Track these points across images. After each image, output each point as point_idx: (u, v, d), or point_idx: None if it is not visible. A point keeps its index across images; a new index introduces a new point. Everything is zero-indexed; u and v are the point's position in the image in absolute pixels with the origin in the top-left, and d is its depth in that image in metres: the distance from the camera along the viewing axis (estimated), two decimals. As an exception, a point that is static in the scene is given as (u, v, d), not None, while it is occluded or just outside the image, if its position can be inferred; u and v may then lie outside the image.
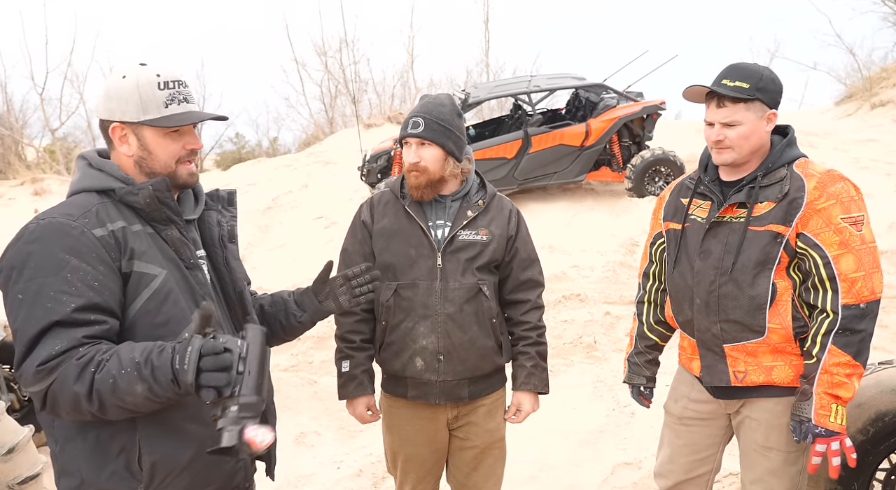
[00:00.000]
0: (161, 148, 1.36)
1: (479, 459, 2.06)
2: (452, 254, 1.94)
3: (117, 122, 1.34)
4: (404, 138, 1.96)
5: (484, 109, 15.09)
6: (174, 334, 1.27)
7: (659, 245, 2.04)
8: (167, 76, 1.37)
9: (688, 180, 1.96)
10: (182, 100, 1.37)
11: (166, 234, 1.35)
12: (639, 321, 2.14)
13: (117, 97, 1.33)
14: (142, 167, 1.37)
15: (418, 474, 2.07)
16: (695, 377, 1.96)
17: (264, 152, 20.93)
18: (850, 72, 14.88)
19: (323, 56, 17.35)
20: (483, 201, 2.01)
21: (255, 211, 8.18)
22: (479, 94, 7.77)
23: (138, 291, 1.27)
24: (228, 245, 1.51)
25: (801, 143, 7.94)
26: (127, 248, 1.28)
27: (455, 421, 2.04)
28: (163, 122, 1.34)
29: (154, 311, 1.28)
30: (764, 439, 1.83)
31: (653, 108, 7.62)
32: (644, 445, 3.17)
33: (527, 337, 2.04)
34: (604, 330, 4.75)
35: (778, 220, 1.73)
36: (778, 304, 1.75)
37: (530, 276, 2.05)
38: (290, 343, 4.68)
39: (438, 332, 1.92)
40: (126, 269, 1.27)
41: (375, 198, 2.06)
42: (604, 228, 6.89)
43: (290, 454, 3.36)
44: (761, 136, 1.76)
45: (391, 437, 2.08)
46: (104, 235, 1.26)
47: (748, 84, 1.71)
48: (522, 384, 2.04)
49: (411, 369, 1.95)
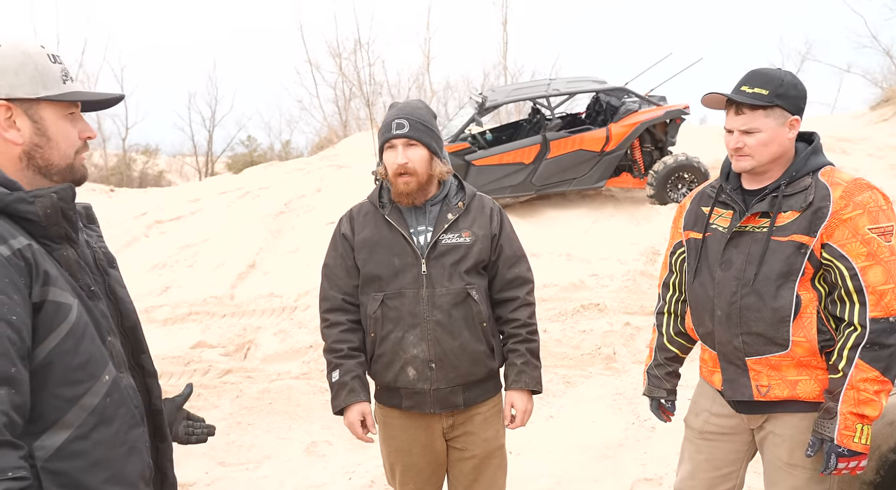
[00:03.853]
0: (61, 133, 1.13)
1: (478, 470, 2.04)
2: (436, 259, 1.92)
3: (3, 99, 1.07)
4: (388, 141, 1.93)
5: (501, 113, 15.04)
6: (93, 378, 1.08)
7: (679, 255, 2.01)
8: (49, 48, 1.13)
9: (709, 189, 1.93)
10: (73, 78, 1.15)
11: (60, 255, 1.11)
12: (658, 332, 2.10)
13: (0, 69, 1.07)
14: (33, 159, 1.11)
15: (416, 484, 2.06)
16: (716, 391, 1.92)
17: (276, 155, 21.06)
18: (887, 74, 14.54)
19: (337, 58, 17.38)
20: (463, 203, 1.99)
21: (266, 215, 8.16)
22: (496, 98, 7.74)
23: (54, 325, 1.04)
24: (109, 271, 1.26)
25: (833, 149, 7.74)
26: (39, 271, 1.04)
27: (451, 430, 2.02)
28: (69, 98, 1.12)
29: (72, 350, 1.06)
30: (788, 456, 1.78)
31: (676, 112, 7.50)
32: (665, 461, 3.10)
33: (516, 334, 2.00)
34: (623, 341, 4.67)
35: (802, 231, 1.69)
36: (802, 317, 1.71)
37: (518, 274, 2.02)
38: (302, 351, 4.75)
39: (428, 340, 1.90)
40: (38, 297, 1.03)
41: (354, 210, 2.05)
42: (624, 236, 6.79)
43: (301, 464, 3.35)
44: (782, 143, 1.72)
45: (388, 449, 2.07)
46: (10, 255, 1.01)
47: (767, 90, 1.68)
48: (513, 382, 1.99)
49: (403, 379, 1.93)
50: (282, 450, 3.48)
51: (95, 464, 1.07)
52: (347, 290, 1.99)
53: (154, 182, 20.81)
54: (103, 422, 1.09)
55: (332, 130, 17.05)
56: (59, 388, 1.05)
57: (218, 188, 10.33)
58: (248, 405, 3.99)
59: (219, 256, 6.94)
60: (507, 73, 17.69)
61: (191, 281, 6.39)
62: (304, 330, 5.00)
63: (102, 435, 1.09)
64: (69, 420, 1.05)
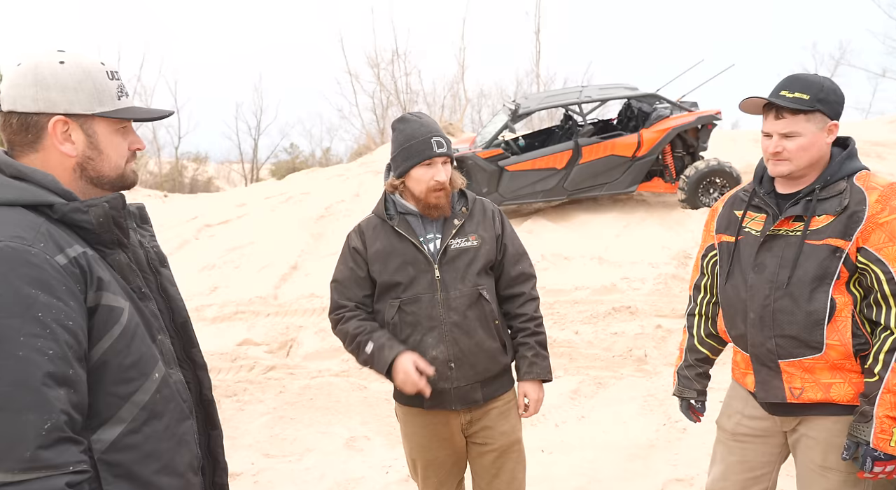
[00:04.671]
0: (112, 146, 1.18)
1: (498, 464, 2.10)
2: (448, 264, 2.00)
3: (61, 114, 1.13)
4: (428, 159, 1.98)
5: (533, 120, 15.07)
6: (144, 376, 1.14)
7: (711, 257, 2.02)
8: (110, 65, 1.18)
9: (742, 192, 1.94)
10: (127, 93, 1.20)
11: (113, 260, 1.17)
12: (689, 334, 2.12)
13: (59, 85, 1.12)
14: (85, 171, 1.17)
15: (438, 478, 2.13)
16: (749, 393, 1.93)
17: (317, 162, 21.52)
18: (923, 79, 14.06)
19: (375, 68, 17.78)
20: (466, 208, 2.08)
21: (308, 219, 8.42)
22: (529, 105, 7.79)
23: (107, 328, 1.10)
24: (161, 270, 1.31)
25: (868, 153, 7.63)
26: (93, 277, 1.09)
27: (469, 426, 2.08)
28: (122, 114, 1.16)
29: (124, 350, 1.11)
30: (822, 459, 1.78)
31: (708, 118, 7.46)
32: (696, 462, 3.10)
33: (525, 328, 2.09)
34: (655, 343, 4.67)
35: (837, 234, 1.69)
36: (837, 320, 1.71)
37: (521, 270, 2.11)
38: (341, 349, 4.84)
39: (446, 341, 1.98)
40: (92, 302, 1.09)
41: (363, 224, 2.11)
42: (655, 240, 6.76)
43: (340, 457, 3.44)
44: (821, 147, 1.73)
45: (409, 445, 2.15)
46: (67, 264, 1.07)
47: (808, 95, 1.69)
48: (525, 374, 2.08)
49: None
50: (322, 443, 3.58)
51: (147, 456, 1.13)
52: (359, 300, 2.06)
53: (204, 188, 21.53)
54: (154, 416, 1.15)
55: (370, 137, 17.36)
56: (113, 385, 1.10)
57: (262, 193, 10.68)
58: (290, 400, 4.11)
59: (263, 258, 7.17)
60: (540, 80, 17.75)
61: (237, 281, 6.62)
62: (342, 329, 5.13)
63: (153, 429, 1.15)
64: (122, 415, 1.11)
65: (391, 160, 2.08)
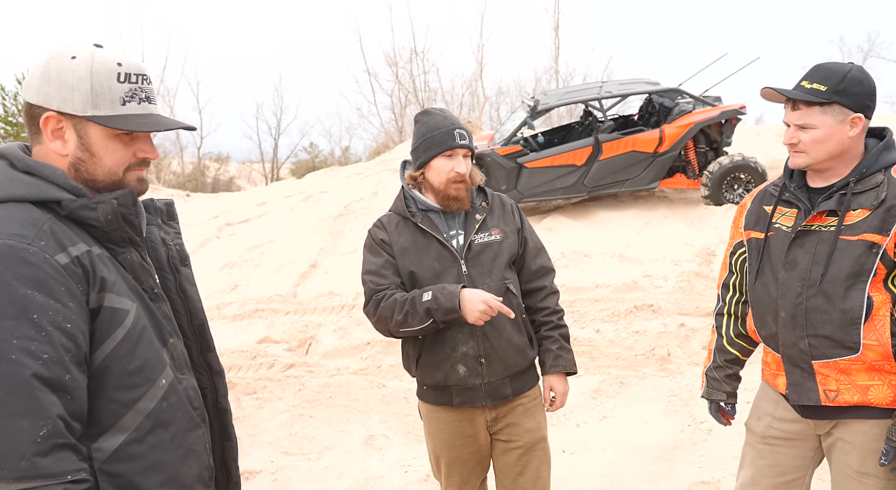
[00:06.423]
0: (107, 151, 1.12)
1: (523, 462, 2.07)
2: (474, 258, 2.00)
3: (53, 111, 1.09)
4: (450, 150, 1.97)
5: (552, 116, 14.98)
6: (149, 382, 1.09)
7: (739, 255, 1.97)
8: (130, 67, 1.11)
9: (771, 187, 1.89)
10: (144, 98, 1.13)
11: (124, 259, 1.12)
12: (718, 334, 2.07)
13: (59, 81, 1.08)
14: (78, 171, 1.11)
15: (462, 476, 2.11)
16: (780, 394, 1.88)
17: (336, 161, 21.74)
18: (955, 69, 13.68)
19: (394, 66, 17.86)
20: (486, 203, 2.09)
21: (327, 218, 8.49)
22: (548, 101, 7.73)
23: (110, 331, 1.05)
24: (181, 269, 1.26)
25: (899, 146, 7.14)
26: (96, 277, 1.05)
27: (494, 423, 2.06)
28: (115, 122, 1.09)
29: (128, 354, 1.07)
30: (859, 464, 1.73)
31: (731, 112, 7.33)
32: (722, 464, 3.04)
33: (548, 322, 2.10)
34: (678, 342, 4.59)
35: (874, 229, 1.63)
36: (874, 319, 1.65)
37: (542, 264, 2.13)
38: (360, 347, 4.89)
39: (476, 337, 1.97)
40: (95, 303, 1.05)
41: (384, 220, 2.08)
42: (678, 237, 6.67)
43: (359, 456, 3.44)
44: (841, 140, 1.67)
45: (433, 442, 2.13)
46: (68, 263, 1.02)
47: (826, 86, 1.64)
48: (551, 367, 2.08)
49: (454, 377, 1.98)
50: (341, 442, 3.59)
51: (151, 467, 1.08)
52: (397, 284, 1.99)
53: (225, 187, 22.00)
54: (159, 425, 1.10)
55: (389, 136, 17.48)
56: (116, 392, 1.06)
57: (282, 193, 10.83)
58: (309, 398, 4.13)
59: (283, 257, 7.25)
60: (559, 76, 17.67)
61: (257, 280, 6.70)
62: (361, 327, 5.15)
63: (158, 438, 1.10)
64: (125, 424, 1.07)
65: (412, 152, 2.07)
